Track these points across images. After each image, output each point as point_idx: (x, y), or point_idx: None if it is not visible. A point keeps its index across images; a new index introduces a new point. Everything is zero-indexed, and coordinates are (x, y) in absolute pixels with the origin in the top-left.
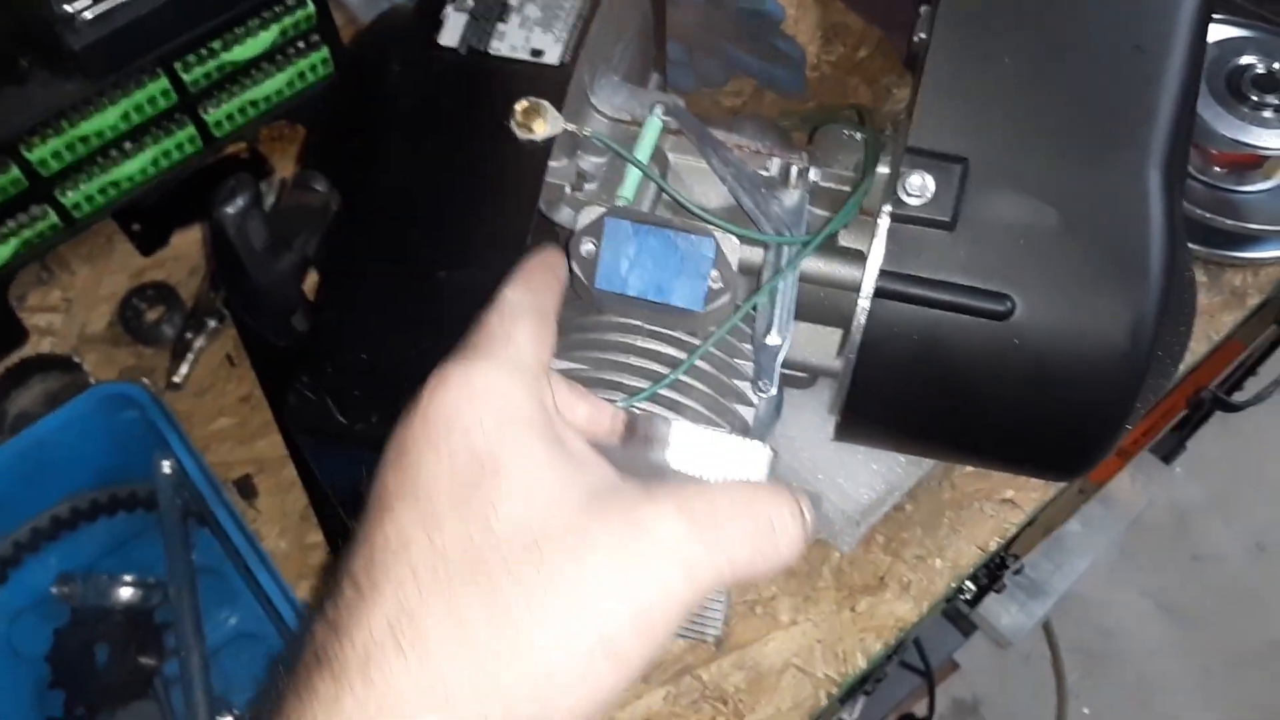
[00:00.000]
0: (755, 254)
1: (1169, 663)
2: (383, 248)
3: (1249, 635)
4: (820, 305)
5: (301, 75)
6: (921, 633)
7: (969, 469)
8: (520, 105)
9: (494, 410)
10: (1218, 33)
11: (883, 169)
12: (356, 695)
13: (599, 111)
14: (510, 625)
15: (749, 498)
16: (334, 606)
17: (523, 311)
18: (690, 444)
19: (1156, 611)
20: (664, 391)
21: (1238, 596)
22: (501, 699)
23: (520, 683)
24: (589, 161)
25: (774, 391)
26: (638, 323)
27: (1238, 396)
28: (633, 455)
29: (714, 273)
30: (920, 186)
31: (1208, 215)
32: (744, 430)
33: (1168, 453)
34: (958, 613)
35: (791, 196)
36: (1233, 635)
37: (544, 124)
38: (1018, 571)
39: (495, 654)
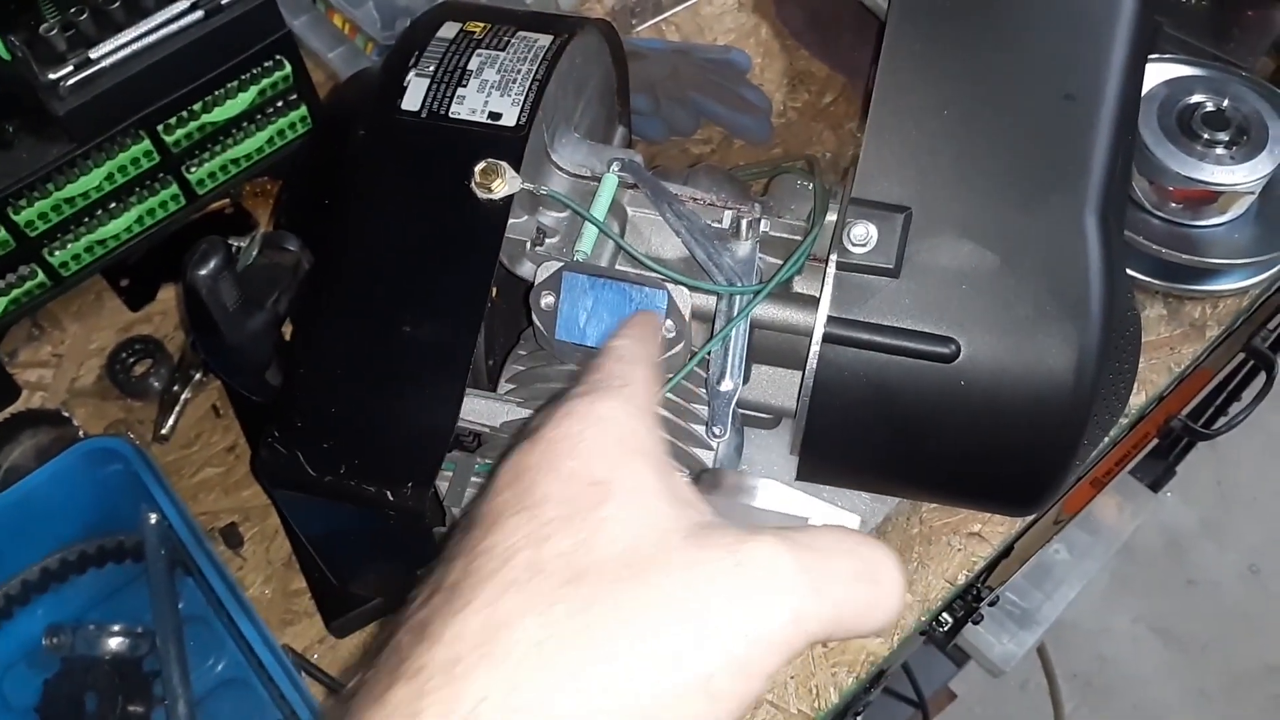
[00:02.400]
0: (709, 303)
1: (1166, 688)
2: (349, 304)
3: (1245, 659)
4: (778, 349)
5: (281, 133)
6: (913, 663)
7: (937, 505)
8: (479, 166)
9: (615, 439)
10: (1168, 71)
11: (832, 217)
12: (442, 702)
13: (560, 168)
14: (603, 648)
15: (853, 543)
16: (423, 608)
17: (636, 359)
18: (777, 496)
19: (1152, 637)
20: None
21: (1233, 620)
22: (586, 716)
23: (607, 709)
24: (549, 217)
25: (727, 436)
26: None
27: (1221, 422)
28: (720, 504)
29: (668, 322)
30: (864, 236)
31: (1165, 250)
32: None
33: (1156, 479)
34: (949, 642)
35: (743, 247)
36: (1229, 659)
37: (502, 183)
38: (993, 603)
39: (585, 676)
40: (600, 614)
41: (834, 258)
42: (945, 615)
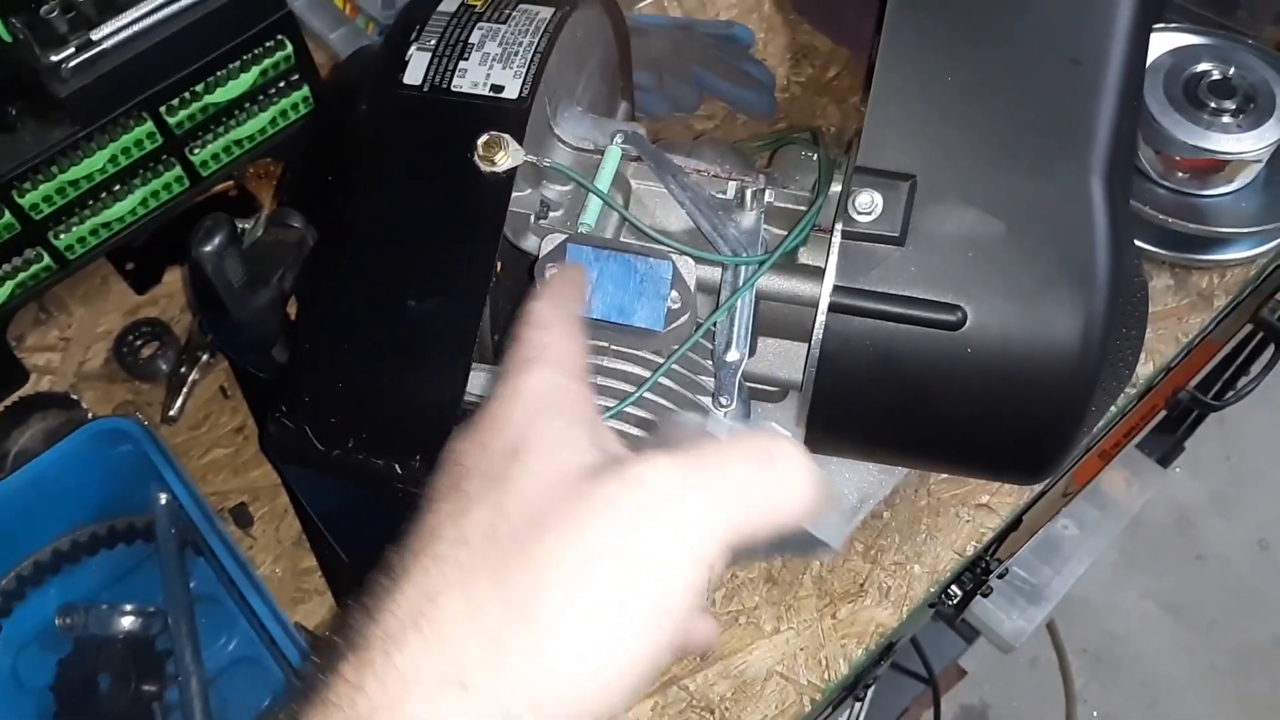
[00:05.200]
0: (714, 274)
1: (1176, 663)
2: (354, 279)
3: (1255, 633)
4: (784, 320)
5: (283, 114)
6: (923, 639)
7: (945, 476)
8: (482, 139)
9: (527, 405)
10: (1174, 40)
11: (837, 187)
12: (378, 674)
13: (563, 141)
14: (518, 603)
15: (738, 437)
16: (369, 595)
17: (552, 321)
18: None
19: (1161, 612)
20: (630, 409)
21: (1242, 595)
22: (514, 677)
23: (530, 659)
24: (553, 190)
25: (734, 406)
26: (603, 343)
27: (1230, 395)
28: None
29: (673, 294)
30: (869, 204)
31: (1172, 220)
32: None
33: (1164, 455)
34: (958, 616)
35: (748, 218)
36: (1239, 634)
37: (505, 156)
38: (1002, 575)
39: (505, 632)
40: (512, 575)
41: (839, 226)
42: (954, 588)
